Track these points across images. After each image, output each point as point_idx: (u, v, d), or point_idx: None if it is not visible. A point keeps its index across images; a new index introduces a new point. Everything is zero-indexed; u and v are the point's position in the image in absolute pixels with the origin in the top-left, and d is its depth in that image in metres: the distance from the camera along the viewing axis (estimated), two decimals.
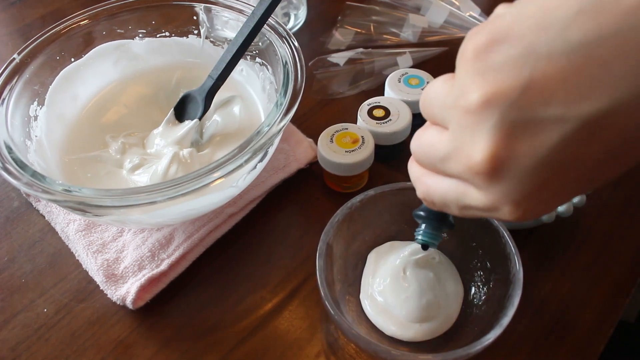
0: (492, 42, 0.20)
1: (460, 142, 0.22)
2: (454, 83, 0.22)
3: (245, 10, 0.49)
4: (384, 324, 0.38)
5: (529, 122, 0.19)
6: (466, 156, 0.21)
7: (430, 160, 0.25)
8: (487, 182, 0.21)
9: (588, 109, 0.18)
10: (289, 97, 0.41)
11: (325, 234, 0.37)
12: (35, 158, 0.42)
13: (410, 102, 0.50)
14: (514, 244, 0.36)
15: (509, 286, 0.35)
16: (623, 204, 0.47)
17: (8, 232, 0.47)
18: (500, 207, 0.22)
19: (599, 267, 0.43)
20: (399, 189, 0.40)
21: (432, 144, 0.24)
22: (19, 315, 0.41)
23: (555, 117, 0.19)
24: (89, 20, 0.49)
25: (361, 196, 0.39)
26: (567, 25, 0.18)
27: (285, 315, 0.41)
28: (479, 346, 0.32)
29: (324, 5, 0.69)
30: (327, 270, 0.36)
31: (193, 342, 0.40)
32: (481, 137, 0.20)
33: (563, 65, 0.18)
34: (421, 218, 0.34)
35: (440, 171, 0.24)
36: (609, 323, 0.40)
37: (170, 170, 0.43)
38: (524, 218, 0.22)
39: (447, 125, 0.23)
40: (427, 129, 0.25)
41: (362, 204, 0.39)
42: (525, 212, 0.22)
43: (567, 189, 0.21)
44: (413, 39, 0.62)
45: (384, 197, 0.40)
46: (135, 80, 0.53)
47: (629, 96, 0.17)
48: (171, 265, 0.42)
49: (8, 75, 0.44)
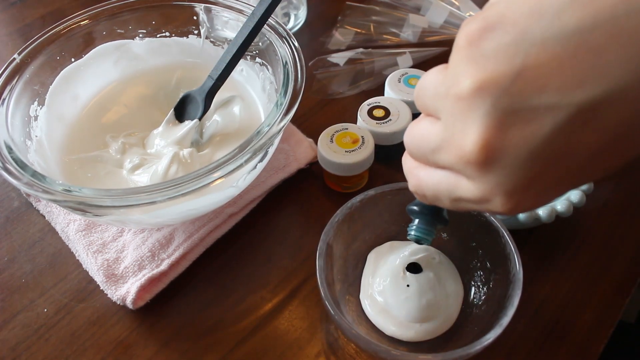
0: (485, 29, 0.19)
1: (451, 131, 0.21)
2: (447, 72, 0.22)
3: (245, 10, 0.49)
4: (384, 324, 0.38)
5: (522, 110, 0.19)
6: (457, 146, 0.21)
7: (422, 151, 0.24)
8: (479, 172, 0.21)
9: (582, 96, 0.18)
10: (289, 97, 0.41)
11: (325, 234, 0.37)
12: (35, 158, 0.42)
13: (410, 102, 0.50)
14: (514, 243, 0.36)
15: (509, 286, 0.35)
16: (623, 204, 0.47)
17: (8, 232, 0.47)
18: (492, 198, 0.22)
19: (599, 267, 0.43)
20: (399, 189, 0.40)
21: (424, 135, 0.24)
22: (19, 315, 0.41)
23: (549, 104, 0.18)
24: (89, 20, 0.49)
25: (361, 196, 0.39)
26: (562, 11, 0.18)
27: (285, 315, 0.41)
28: (479, 346, 0.32)
29: (324, 5, 0.69)
30: (327, 270, 0.36)
31: (193, 342, 0.40)
32: (472, 126, 0.20)
33: (557, 52, 0.18)
34: (414, 213, 0.33)
35: (432, 163, 0.24)
36: (609, 323, 0.40)
37: (171, 171, 0.43)
38: (516, 210, 0.22)
39: (439, 115, 0.22)
40: (420, 121, 0.25)
41: (362, 204, 0.39)
42: (517, 204, 0.21)
43: (562, 181, 0.21)
44: (413, 39, 0.62)
45: (384, 197, 0.40)
46: (136, 80, 0.53)
47: (624, 84, 0.17)
48: (171, 265, 0.42)
49: (8, 75, 0.44)
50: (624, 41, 0.17)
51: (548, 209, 0.39)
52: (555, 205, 0.40)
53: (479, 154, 0.20)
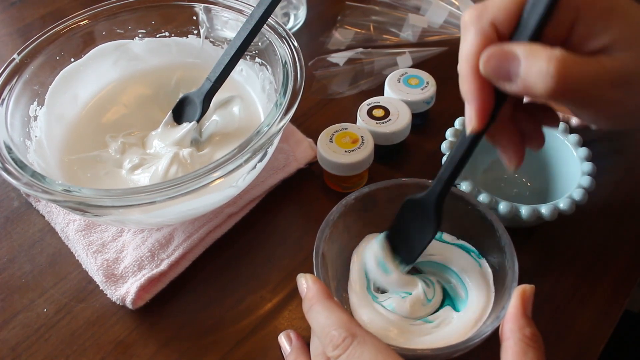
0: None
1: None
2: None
3: (245, 11, 0.49)
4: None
5: None
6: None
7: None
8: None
9: None
10: (289, 97, 0.41)
11: (321, 231, 0.37)
12: (35, 158, 0.42)
13: (409, 102, 0.50)
14: (508, 236, 0.36)
15: (505, 277, 0.35)
16: (623, 204, 0.47)
17: (8, 232, 0.47)
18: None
19: (599, 266, 0.43)
20: (393, 185, 0.40)
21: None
22: (19, 315, 0.41)
23: None
24: (89, 20, 0.49)
25: (356, 193, 0.39)
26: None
27: (285, 315, 0.41)
28: (477, 339, 0.32)
29: (324, 5, 0.69)
30: (323, 269, 0.36)
31: (193, 342, 0.40)
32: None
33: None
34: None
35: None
36: (609, 323, 0.40)
37: (171, 171, 0.43)
38: None
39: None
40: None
41: (356, 201, 0.39)
42: None
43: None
44: (413, 39, 0.62)
45: (378, 194, 0.40)
46: (135, 80, 0.53)
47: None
48: (171, 265, 0.42)
49: (8, 75, 0.44)
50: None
51: (550, 207, 0.39)
52: (558, 204, 0.40)
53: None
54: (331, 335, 0.29)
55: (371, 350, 0.28)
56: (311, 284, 0.32)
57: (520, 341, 0.28)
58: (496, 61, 0.26)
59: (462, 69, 0.28)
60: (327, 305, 0.30)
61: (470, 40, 0.28)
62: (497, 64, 0.26)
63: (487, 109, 0.28)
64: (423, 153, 0.51)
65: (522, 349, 0.28)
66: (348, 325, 0.29)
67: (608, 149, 0.50)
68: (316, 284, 0.32)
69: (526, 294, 0.31)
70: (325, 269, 0.37)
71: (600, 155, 0.45)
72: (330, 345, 0.28)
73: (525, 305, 0.30)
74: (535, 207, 0.40)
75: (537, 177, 0.47)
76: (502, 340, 0.29)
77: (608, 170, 0.49)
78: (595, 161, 0.42)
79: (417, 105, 0.50)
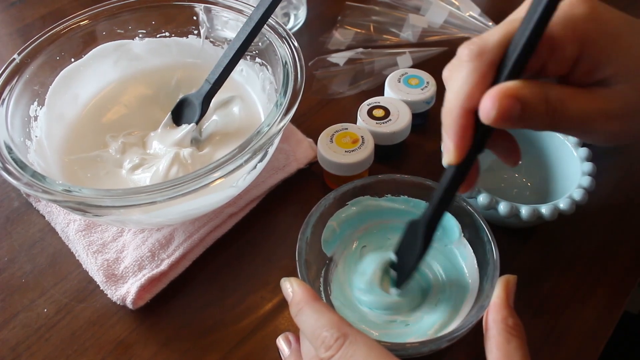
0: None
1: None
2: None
3: (245, 11, 0.49)
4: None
5: None
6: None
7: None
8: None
9: None
10: (289, 97, 0.41)
11: (302, 233, 0.38)
12: (35, 158, 0.42)
13: (410, 102, 0.50)
14: (488, 226, 0.37)
15: (487, 267, 0.36)
16: (623, 204, 0.47)
17: (8, 232, 0.47)
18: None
19: (599, 267, 0.43)
20: (370, 182, 0.40)
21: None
22: (19, 315, 0.41)
23: None
24: (89, 20, 0.49)
25: (334, 193, 0.40)
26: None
27: (285, 315, 0.41)
28: (464, 329, 0.32)
29: (324, 5, 0.69)
30: (307, 270, 0.37)
31: (193, 342, 0.40)
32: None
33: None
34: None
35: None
36: (609, 323, 0.40)
37: (171, 171, 0.43)
38: None
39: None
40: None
41: (335, 200, 0.40)
42: None
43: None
44: (413, 39, 0.62)
45: (358, 192, 0.41)
46: (136, 80, 0.53)
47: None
48: (171, 265, 0.42)
49: (8, 75, 0.44)
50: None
51: (551, 207, 0.39)
52: (558, 204, 0.40)
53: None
54: (323, 337, 0.29)
55: (363, 349, 0.28)
56: (297, 287, 0.32)
57: (504, 331, 0.29)
58: (508, 102, 0.26)
59: (450, 102, 0.28)
60: (316, 307, 0.30)
61: (465, 77, 0.27)
62: (509, 105, 0.26)
63: (465, 147, 0.28)
64: (423, 153, 0.51)
65: (506, 338, 0.29)
66: (339, 326, 0.29)
67: (608, 149, 0.50)
68: (301, 287, 0.32)
69: (509, 285, 0.32)
70: (309, 270, 0.37)
71: (600, 155, 0.45)
72: (322, 346, 0.29)
73: (508, 296, 0.31)
74: (535, 207, 0.40)
75: (537, 177, 0.47)
76: (486, 330, 0.30)
77: (608, 170, 0.49)
78: (595, 161, 0.42)
79: (418, 105, 0.50)
